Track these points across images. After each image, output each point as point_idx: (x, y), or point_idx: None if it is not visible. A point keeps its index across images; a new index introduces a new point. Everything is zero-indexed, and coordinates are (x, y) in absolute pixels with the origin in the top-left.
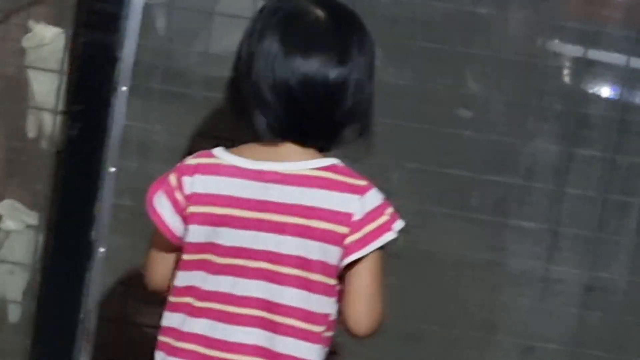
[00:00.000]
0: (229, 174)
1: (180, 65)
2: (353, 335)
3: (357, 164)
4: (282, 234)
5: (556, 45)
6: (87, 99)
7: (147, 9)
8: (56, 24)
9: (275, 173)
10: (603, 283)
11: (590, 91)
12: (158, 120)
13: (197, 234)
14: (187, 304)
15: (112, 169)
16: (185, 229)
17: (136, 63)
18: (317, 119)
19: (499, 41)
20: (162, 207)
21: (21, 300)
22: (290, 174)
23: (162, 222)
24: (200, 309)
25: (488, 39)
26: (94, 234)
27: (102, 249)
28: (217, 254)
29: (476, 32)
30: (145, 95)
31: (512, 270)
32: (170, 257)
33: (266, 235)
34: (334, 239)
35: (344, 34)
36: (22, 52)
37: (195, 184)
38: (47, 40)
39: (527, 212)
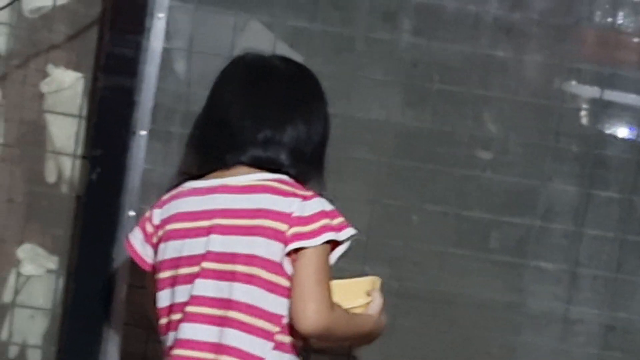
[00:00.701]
0: (186, 195)
1: (198, 109)
2: (301, 332)
3: (375, 205)
4: (230, 235)
5: (573, 87)
6: (107, 144)
7: (165, 53)
8: (75, 68)
9: (224, 186)
10: (623, 323)
11: (607, 132)
12: (177, 163)
13: (163, 252)
14: (169, 322)
15: (132, 213)
16: (155, 253)
17: (155, 107)
18: (261, 152)
19: (516, 84)
20: (135, 238)
21: (41, 345)
22: (237, 185)
23: (133, 250)
24: (175, 321)
25: (505, 81)
26: (112, 280)
27: (122, 293)
28: (181, 266)
29: (494, 74)
30: (164, 139)
31: (532, 311)
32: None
33: (217, 238)
34: (276, 235)
35: (300, 87)
36: (41, 96)
37: (164, 212)
38: (66, 85)
39: (546, 253)
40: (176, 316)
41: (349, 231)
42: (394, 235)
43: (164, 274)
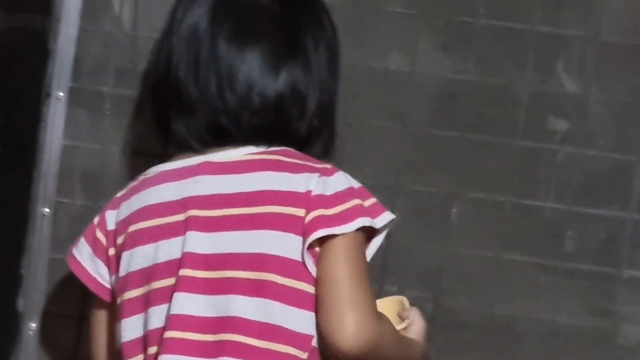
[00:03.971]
0: (154, 183)
1: (144, 61)
2: (339, 352)
3: (398, 193)
4: (219, 231)
5: None
6: (9, 110)
7: None
8: None
9: (207, 164)
10: None
11: None
12: (112, 138)
13: (127, 263)
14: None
15: (46, 211)
16: (114, 270)
17: (78, 57)
18: (259, 131)
19: (600, 18)
20: (81, 254)
21: None
22: (226, 162)
23: (82, 271)
24: (152, 355)
25: (586, 15)
26: (21, 303)
27: (33, 325)
28: (155, 278)
29: (568, 4)
30: (92, 103)
31: (627, 342)
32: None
33: (198, 236)
34: (291, 224)
35: (294, 19)
36: None
37: (121, 212)
38: None
39: None
40: (153, 349)
41: (387, 216)
42: (427, 236)
43: (132, 293)
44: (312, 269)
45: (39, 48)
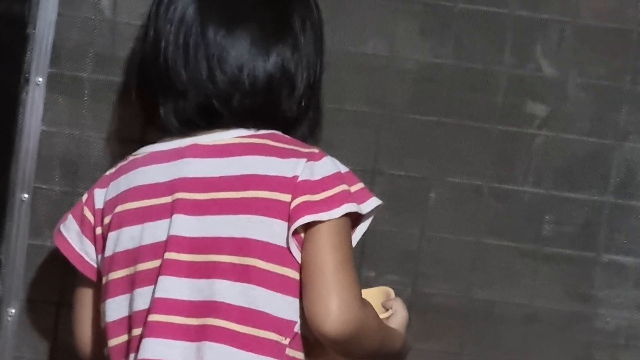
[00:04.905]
0: (144, 164)
1: (124, 47)
2: (323, 337)
3: (377, 177)
4: (205, 215)
5: None
6: None
7: None
8: None
9: (196, 146)
10: None
11: None
12: (91, 124)
13: (114, 243)
14: (128, 341)
15: (25, 196)
16: (100, 250)
17: (57, 43)
18: (249, 112)
19: (578, 1)
20: (68, 230)
21: None
22: (214, 144)
23: (68, 248)
24: (137, 337)
25: None
26: (0, 290)
27: (12, 310)
28: (141, 259)
29: None
30: (71, 89)
31: (604, 326)
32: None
33: (184, 219)
34: (276, 209)
35: (281, 1)
36: None
37: (110, 191)
38: None
39: (623, 243)
40: (138, 330)
41: (373, 202)
42: (405, 220)
43: (117, 274)
44: (297, 254)
45: (18, 33)
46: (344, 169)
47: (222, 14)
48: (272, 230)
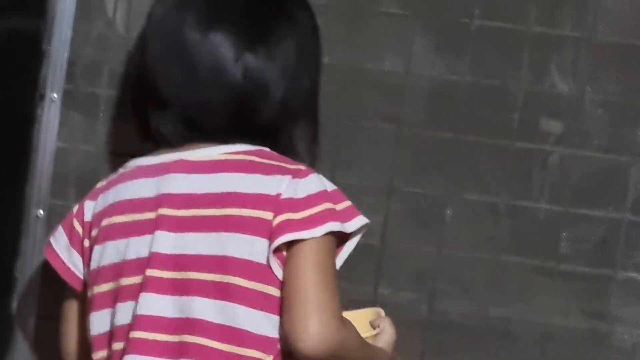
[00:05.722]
0: (131, 178)
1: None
2: (301, 357)
3: (393, 195)
4: (187, 232)
5: None
6: (3, 112)
7: None
8: None
9: (182, 161)
10: None
11: None
12: (106, 140)
13: (99, 257)
14: (109, 355)
15: (41, 213)
16: (87, 262)
17: (72, 59)
18: (228, 122)
19: (594, 18)
20: (58, 243)
21: None
22: (200, 160)
23: (56, 259)
24: (118, 352)
25: (580, 15)
26: (15, 306)
27: (26, 327)
28: (124, 274)
29: (562, 5)
30: (86, 105)
31: (621, 344)
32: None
33: (166, 235)
34: (258, 227)
35: (258, 9)
36: None
37: (98, 204)
38: None
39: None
40: (119, 345)
41: (359, 220)
42: (421, 238)
43: (101, 288)
44: (279, 272)
45: (33, 50)
46: (330, 186)
47: (198, 20)
48: (253, 248)
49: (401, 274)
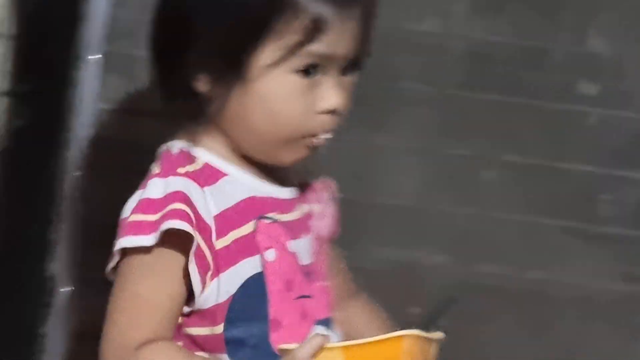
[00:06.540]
0: None
1: None
2: None
3: (428, 157)
4: None
5: None
6: (42, 74)
7: None
8: None
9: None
10: None
11: None
12: (148, 103)
13: None
14: None
15: (78, 174)
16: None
17: (112, 20)
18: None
19: None
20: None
21: None
22: None
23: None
24: None
25: None
26: (54, 268)
27: (65, 289)
28: None
29: None
30: (126, 66)
31: None
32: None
33: None
34: None
35: None
36: None
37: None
38: None
39: None
40: None
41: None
42: (457, 200)
43: None
44: None
45: (72, 11)
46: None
47: None
48: None
49: (437, 237)
